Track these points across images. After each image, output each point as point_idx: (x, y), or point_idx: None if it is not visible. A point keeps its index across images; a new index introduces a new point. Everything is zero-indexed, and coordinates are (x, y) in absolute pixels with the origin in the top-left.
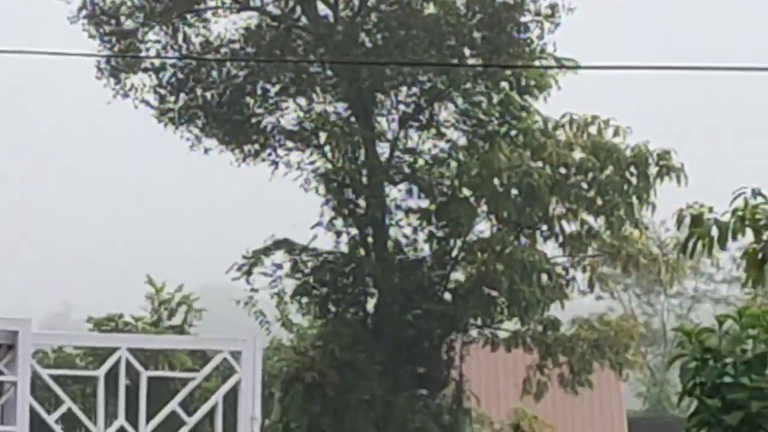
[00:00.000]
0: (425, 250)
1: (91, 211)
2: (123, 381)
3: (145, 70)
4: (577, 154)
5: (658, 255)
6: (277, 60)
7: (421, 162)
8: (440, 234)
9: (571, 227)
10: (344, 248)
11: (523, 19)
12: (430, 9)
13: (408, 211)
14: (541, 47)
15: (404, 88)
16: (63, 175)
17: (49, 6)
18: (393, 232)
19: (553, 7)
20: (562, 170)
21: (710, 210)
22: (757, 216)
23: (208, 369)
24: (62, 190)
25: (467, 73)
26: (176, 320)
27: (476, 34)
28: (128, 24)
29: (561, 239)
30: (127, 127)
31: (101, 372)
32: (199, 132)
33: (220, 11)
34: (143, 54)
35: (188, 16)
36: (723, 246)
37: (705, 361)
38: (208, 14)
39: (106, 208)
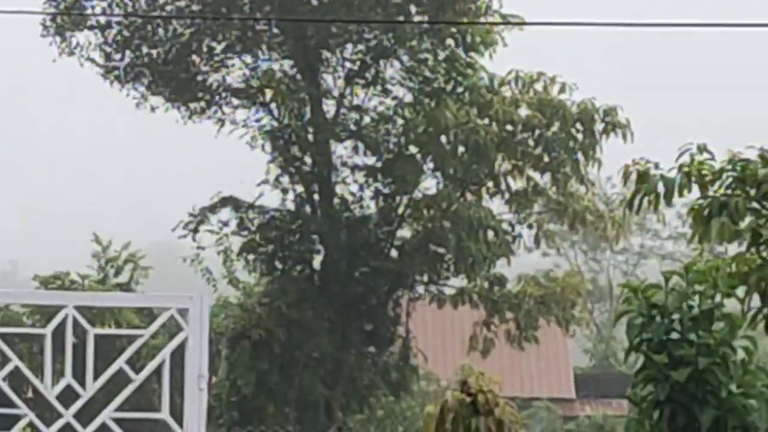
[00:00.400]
0: (371, 207)
1: (37, 169)
2: (70, 339)
3: (91, 27)
4: (524, 111)
5: (604, 211)
6: (222, 18)
7: (367, 119)
8: (386, 191)
9: (517, 184)
10: (290, 205)
11: None
12: None
13: (354, 168)
14: (487, 4)
15: (350, 46)
16: (8, 133)
17: None
18: (339, 189)
19: None
20: (509, 127)
21: (656, 166)
22: (703, 172)
23: (154, 326)
24: (7, 149)
25: (413, 30)
26: (123, 278)
27: None
28: None
29: (507, 196)
30: (72, 85)
31: (48, 330)
32: (145, 90)
33: None
34: (89, 12)
35: None
36: (669, 202)
37: (651, 318)
38: None
39: (51, 167)
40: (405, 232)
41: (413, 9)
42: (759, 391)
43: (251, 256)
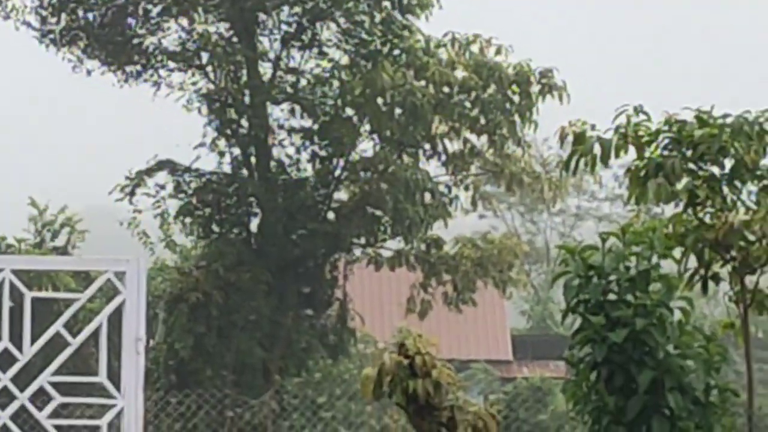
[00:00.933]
0: (308, 170)
1: None
2: (6, 302)
3: None
4: (460, 73)
5: (540, 173)
6: None
7: (303, 82)
8: (323, 153)
9: (454, 146)
10: (227, 168)
11: None
12: None
13: (291, 130)
14: None
15: (286, 8)
16: None
17: None
18: (276, 152)
19: None
20: (445, 89)
21: (593, 127)
22: (640, 133)
23: (91, 290)
24: None
25: None
26: (59, 242)
27: None
28: None
29: (444, 158)
30: (8, 48)
31: None
32: (81, 53)
33: None
34: None
35: None
36: (606, 163)
37: (589, 279)
38: None
39: None
40: (342, 195)
41: None
42: (696, 352)
43: (188, 220)
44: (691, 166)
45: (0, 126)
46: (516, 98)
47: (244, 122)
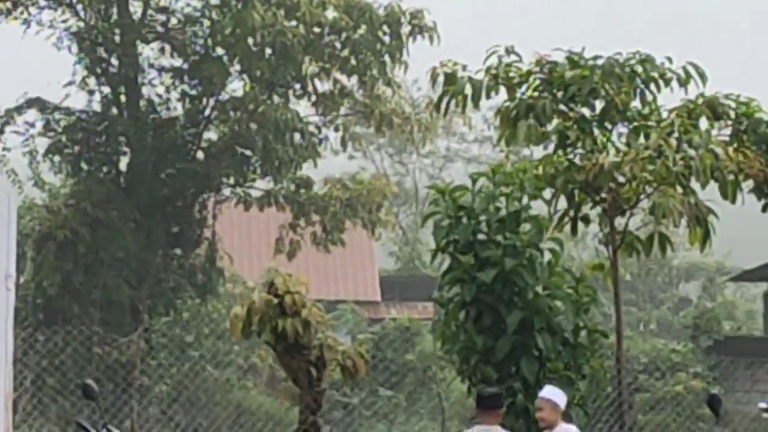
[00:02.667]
0: (178, 109)
1: None
2: None
3: None
4: (331, 13)
5: (410, 114)
6: None
7: (174, 20)
8: (193, 93)
9: (324, 86)
10: (97, 107)
11: None
12: None
13: (161, 69)
14: None
15: None
16: None
17: None
18: (146, 91)
19: None
20: (316, 29)
21: (464, 68)
22: (511, 74)
23: None
24: None
25: None
26: None
27: None
28: None
29: (314, 98)
30: None
31: None
32: None
33: None
34: None
35: None
36: (476, 104)
37: (458, 219)
38: None
39: None
40: (212, 134)
41: None
42: (565, 293)
43: (57, 158)
44: (562, 107)
45: None
46: (386, 39)
47: (114, 61)
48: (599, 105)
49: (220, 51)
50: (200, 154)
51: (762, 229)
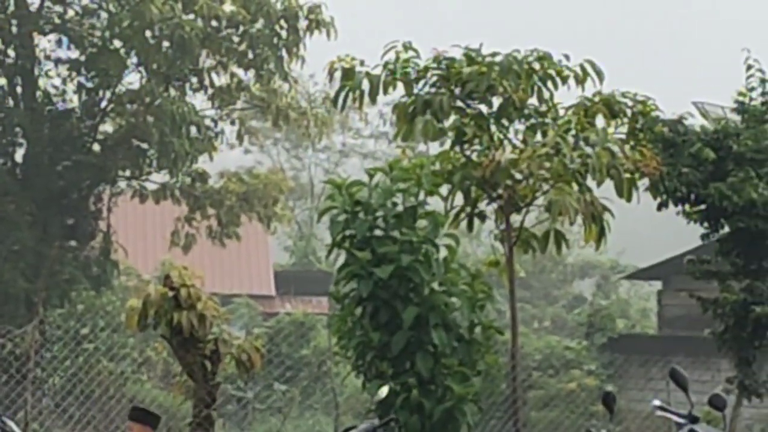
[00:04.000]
0: (75, 101)
1: None
2: None
3: None
4: (228, 7)
5: (306, 109)
6: None
7: (71, 12)
8: (90, 85)
9: (221, 80)
10: None
11: None
12: None
13: (57, 61)
14: None
15: None
16: None
17: None
18: (42, 82)
19: None
20: (214, 23)
21: (362, 63)
22: (408, 70)
23: None
24: None
25: None
26: None
27: None
28: None
29: (211, 92)
30: None
31: None
32: None
33: None
34: None
35: None
36: (374, 99)
37: (355, 214)
38: None
39: None
40: (108, 127)
41: None
42: (460, 290)
43: None
44: (459, 103)
45: None
46: (283, 33)
47: (11, 52)
48: (497, 102)
49: (117, 44)
50: (96, 147)
51: (657, 227)
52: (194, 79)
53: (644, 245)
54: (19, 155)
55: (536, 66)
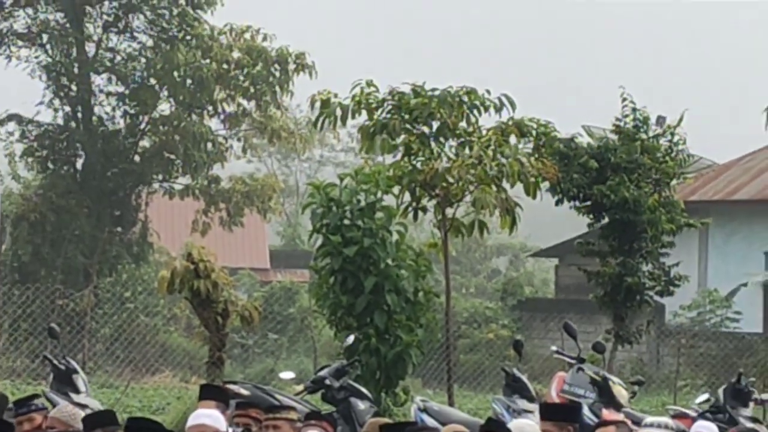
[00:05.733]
0: (121, 123)
1: None
2: None
3: None
4: (236, 54)
5: (294, 130)
6: None
7: (119, 58)
8: (132, 112)
9: (230, 108)
10: (60, 121)
11: None
12: None
13: (108, 94)
14: None
15: (107, 2)
16: None
17: None
18: (97, 110)
19: None
20: (225, 66)
21: (335, 96)
22: (370, 101)
23: None
24: None
25: None
26: None
27: None
28: None
29: (222, 117)
30: None
31: None
32: None
33: None
34: None
35: None
36: (344, 123)
37: (329, 208)
38: None
39: None
40: (145, 143)
41: None
42: (408, 264)
43: (30, 159)
44: (408, 126)
45: None
46: (277, 74)
47: (74, 87)
48: (435, 125)
49: (153, 81)
50: (137, 158)
51: (554, 218)
52: (210, 108)
53: (545, 231)
54: (78, 164)
55: (465, 98)
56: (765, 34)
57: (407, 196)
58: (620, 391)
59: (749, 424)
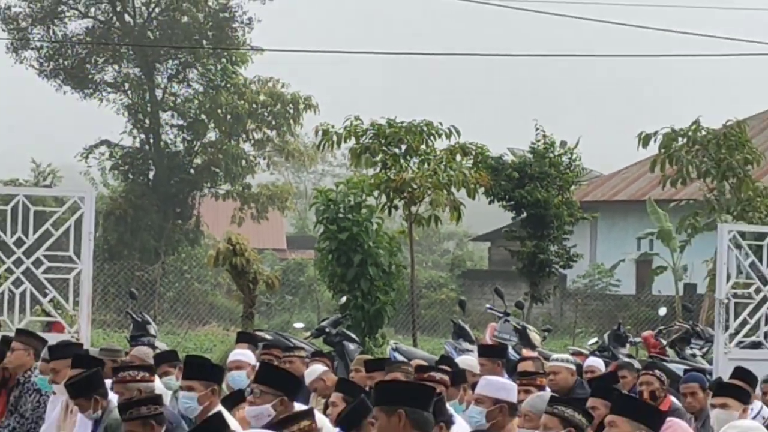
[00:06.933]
0: (180, 146)
1: None
2: (20, 214)
3: None
4: (262, 97)
5: (303, 151)
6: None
7: (179, 100)
8: (189, 138)
9: (258, 135)
10: (138, 145)
11: None
12: None
13: (171, 125)
14: (243, 40)
15: (170, 60)
16: None
17: None
18: (164, 137)
19: None
20: (254, 105)
21: (333, 126)
22: (357, 130)
23: (66, 206)
24: None
25: (206, 53)
26: (47, 182)
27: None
28: None
29: (252, 142)
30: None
31: (8, 207)
32: (60, 82)
33: None
34: None
35: None
36: (339, 146)
37: (328, 206)
38: None
39: None
40: (198, 160)
41: (204, 42)
42: (384, 246)
43: (116, 172)
44: (384, 148)
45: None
46: (291, 111)
47: (147, 121)
48: (404, 147)
49: (203, 117)
50: (192, 171)
51: (488, 213)
52: (244, 136)
53: (482, 222)
54: (150, 175)
55: (425, 128)
56: (644, 76)
57: (384, 198)
58: (535, 336)
59: (625, 359)
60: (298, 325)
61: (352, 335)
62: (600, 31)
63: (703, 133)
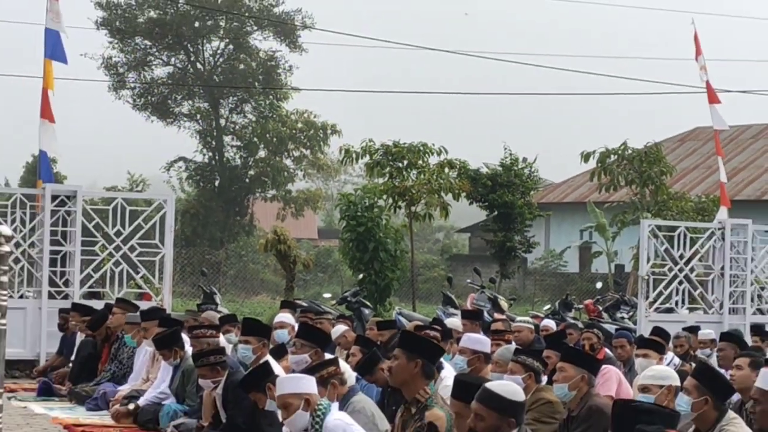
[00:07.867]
0: (238, 162)
1: None
2: (119, 210)
3: None
4: (300, 124)
5: (331, 165)
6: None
7: (237, 126)
8: (244, 155)
9: (296, 153)
10: (207, 161)
11: None
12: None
13: (231, 146)
14: (284, 81)
15: (231, 97)
16: None
17: None
18: (226, 154)
19: None
20: (293, 131)
21: (352, 147)
22: (371, 149)
23: (153, 206)
24: None
25: (257, 91)
26: (137, 188)
27: None
28: None
29: (292, 158)
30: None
31: (110, 207)
32: (139, 109)
33: None
34: None
35: None
36: (357, 162)
37: (350, 206)
38: None
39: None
40: (251, 172)
41: (256, 84)
42: (391, 236)
43: (190, 181)
44: (391, 163)
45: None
46: (321, 135)
47: (213, 142)
48: (405, 162)
49: (255, 140)
50: (247, 180)
51: (469, 212)
52: (286, 153)
53: (464, 218)
54: (216, 183)
55: (421, 147)
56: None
57: (390, 201)
58: (504, 304)
59: (571, 321)
60: (327, 295)
61: (367, 303)
62: (554, 76)
63: (630, 151)
